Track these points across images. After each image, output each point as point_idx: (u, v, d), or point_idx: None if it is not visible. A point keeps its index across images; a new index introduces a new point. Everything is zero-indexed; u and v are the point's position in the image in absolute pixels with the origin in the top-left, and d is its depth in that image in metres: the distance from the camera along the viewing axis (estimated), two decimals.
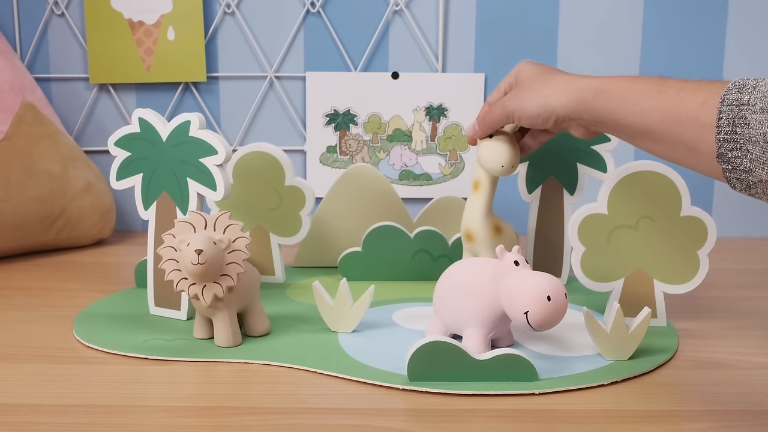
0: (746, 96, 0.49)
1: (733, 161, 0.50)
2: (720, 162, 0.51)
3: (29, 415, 0.53)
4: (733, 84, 0.51)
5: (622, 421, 0.53)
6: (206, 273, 0.63)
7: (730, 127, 0.50)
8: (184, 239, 0.63)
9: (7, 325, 0.73)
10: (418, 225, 0.92)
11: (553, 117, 0.64)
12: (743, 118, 0.49)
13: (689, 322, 0.75)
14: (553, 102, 0.63)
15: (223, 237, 0.64)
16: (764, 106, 0.48)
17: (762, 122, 0.48)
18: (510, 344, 0.66)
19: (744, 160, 0.49)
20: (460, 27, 1.15)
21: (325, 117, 1.17)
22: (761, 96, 0.49)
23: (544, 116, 0.64)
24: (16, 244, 1.00)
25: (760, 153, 0.48)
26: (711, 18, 1.14)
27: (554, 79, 0.65)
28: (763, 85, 0.50)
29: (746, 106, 0.49)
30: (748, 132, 0.49)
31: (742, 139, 0.49)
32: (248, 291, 0.68)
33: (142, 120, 0.73)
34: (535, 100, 0.65)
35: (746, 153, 0.49)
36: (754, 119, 0.48)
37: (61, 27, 1.17)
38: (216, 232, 0.65)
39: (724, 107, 0.50)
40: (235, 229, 0.65)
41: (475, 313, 0.62)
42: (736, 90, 0.50)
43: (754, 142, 0.48)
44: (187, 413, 0.54)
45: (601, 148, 0.84)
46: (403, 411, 0.55)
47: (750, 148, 0.49)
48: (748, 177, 0.50)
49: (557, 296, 0.57)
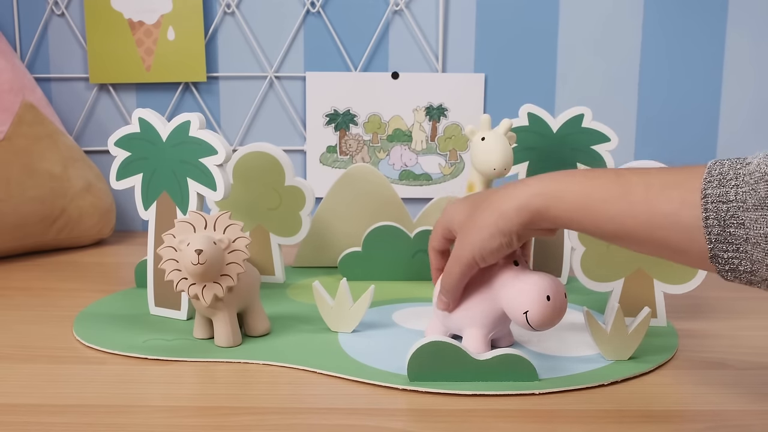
0: (731, 190, 0.46)
1: (730, 262, 0.47)
2: (714, 262, 0.47)
3: (29, 415, 0.53)
4: (708, 173, 0.47)
5: (622, 421, 0.53)
6: (206, 273, 0.62)
7: (721, 228, 0.46)
8: (184, 239, 0.63)
9: (7, 325, 0.73)
10: (418, 225, 0.92)
11: (514, 237, 0.57)
12: (736, 218, 0.45)
13: (689, 322, 0.75)
14: (506, 226, 0.56)
15: (224, 237, 0.64)
16: (756, 202, 0.45)
17: (759, 221, 0.45)
18: (510, 344, 0.66)
19: (744, 262, 0.46)
20: (460, 27, 1.15)
21: (325, 117, 1.17)
22: (749, 189, 0.45)
23: (505, 242, 0.57)
24: (16, 244, 1.00)
25: (763, 254, 0.45)
26: (711, 18, 1.14)
27: (492, 203, 0.57)
28: (744, 171, 0.46)
29: (734, 203, 0.45)
30: (744, 233, 0.45)
31: (739, 240, 0.46)
32: (248, 291, 0.68)
33: (142, 120, 0.73)
34: (487, 234, 0.57)
35: (745, 254, 0.46)
36: (749, 218, 0.45)
37: (61, 27, 1.17)
38: (216, 232, 0.65)
39: (710, 206, 0.46)
40: (235, 229, 0.65)
41: (475, 314, 0.62)
42: (716, 182, 0.46)
43: (754, 243, 0.45)
44: (187, 413, 0.54)
45: (601, 148, 0.84)
46: (403, 411, 0.55)
47: (749, 249, 0.45)
48: (751, 276, 0.47)
49: (557, 296, 0.57)
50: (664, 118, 1.17)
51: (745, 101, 1.16)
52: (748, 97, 1.16)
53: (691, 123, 1.17)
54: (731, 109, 1.16)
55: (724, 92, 1.16)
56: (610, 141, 0.83)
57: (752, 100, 1.16)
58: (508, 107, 1.06)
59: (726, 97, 1.16)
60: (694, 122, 1.17)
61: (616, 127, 0.85)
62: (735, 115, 1.16)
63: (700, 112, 1.17)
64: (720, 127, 1.17)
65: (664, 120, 1.17)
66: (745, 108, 1.16)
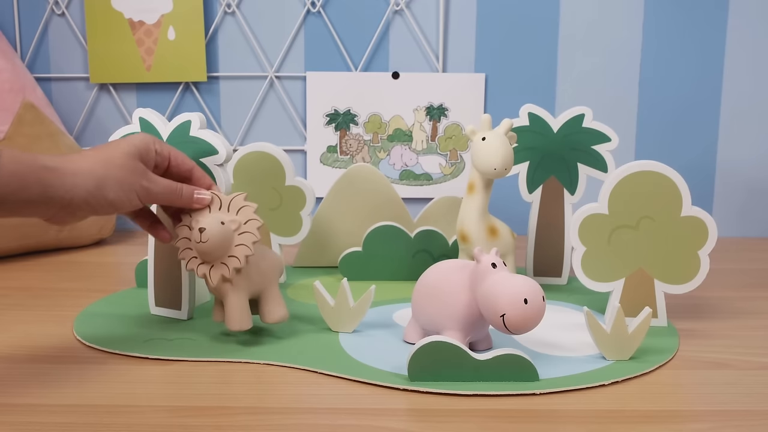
0: None
1: None
2: None
3: (29, 415, 0.53)
4: None
5: (622, 421, 0.53)
6: (211, 252, 0.63)
7: None
8: (197, 219, 0.64)
9: (7, 325, 0.73)
10: (419, 225, 0.92)
11: None
12: None
13: (689, 322, 0.75)
14: None
15: (235, 218, 0.64)
16: None
17: None
18: (488, 348, 0.66)
19: None
20: (460, 27, 1.15)
21: (325, 117, 1.16)
22: None
23: None
24: (16, 244, 1.00)
25: None
26: (711, 17, 1.14)
27: None
28: None
29: None
30: None
31: None
32: (262, 276, 0.67)
33: (143, 120, 0.73)
34: None
35: None
36: None
37: (62, 27, 1.17)
38: (230, 213, 0.65)
39: None
40: (248, 211, 0.65)
41: (453, 316, 0.62)
42: None
43: None
44: (188, 413, 0.54)
45: (602, 148, 0.84)
46: (403, 411, 0.55)
47: None
48: None
49: (534, 299, 0.57)
50: (664, 117, 1.17)
51: (745, 101, 1.16)
52: (748, 96, 1.16)
53: (692, 122, 1.17)
54: (731, 108, 1.16)
55: (724, 92, 1.16)
56: (611, 141, 0.83)
57: (752, 100, 1.16)
58: (508, 107, 1.06)
59: (726, 96, 1.16)
60: (695, 122, 1.17)
61: (616, 127, 0.85)
62: (735, 115, 1.16)
63: (701, 112, 1.17)
64: (720, 126, 1.17)
65: (665, 120, 1.17)
66: (746, 107, 1.16)
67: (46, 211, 0.58)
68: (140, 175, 0.61)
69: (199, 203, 0.65)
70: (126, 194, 0.60)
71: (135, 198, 0.61)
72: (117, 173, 0.60)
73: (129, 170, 0.60)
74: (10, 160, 0.54)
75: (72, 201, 0.57)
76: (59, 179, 0.56)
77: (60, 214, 0.58)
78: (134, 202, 0.62)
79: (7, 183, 0.54)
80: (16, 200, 0.55)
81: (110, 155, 0.60)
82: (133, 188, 0.61)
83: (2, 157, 0.54)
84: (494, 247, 0.66)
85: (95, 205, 0.59)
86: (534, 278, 0.81)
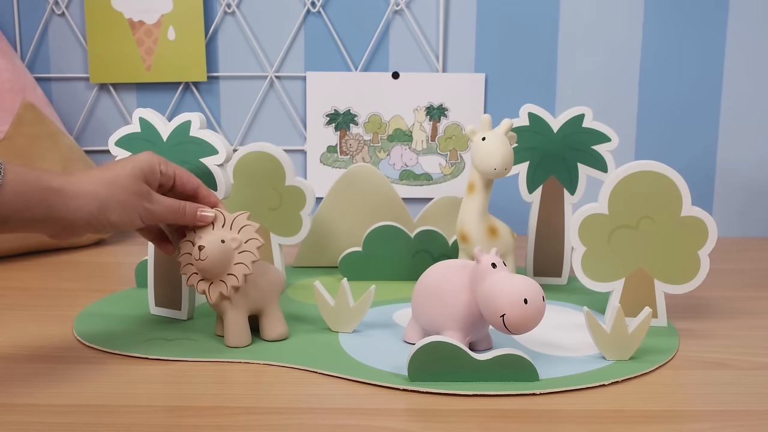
0: None
1: None
2: None
3: (29, 415, 0.53)
4: None
5: (622, 421, 0.53)
6: (210, 270, 0.64)
7: None
8: (199, 235, 0.65)
9: (7, 325, 0.73)
10: (419, 225, 0.92)
11: None
12: None
13: (689, 322, 0.75)
14: None
15: (236, 236, 0.65)
16: None
17: None
18: (488, 348, 0.66)
19: None
20: (460, 27, 1.15)
21: (325, 117, 1.16)
22: None
23: None
24: (16, 244, 1.00)
25: None
26: (711, 17, 1.14)
27: None
28: None
29: None
30: None
31: None
32: (262, 294, 0.68)
33: (143, 120, 0.73)
34: None
35: None
36: None
37: (62, 27, 1.17)
38: (232, 231, 0.65)
39: None
40: (250, 230, 0.66)
41: (453, 316, 0.62)
42: None
43: None
44: (187, 413, 0.54)
45: (602, 148, 0.84)
46: (403, 411, 0.55)
47: None
48: None
49: (534, 299, 0.57)
50: (664, 117, 1.17)
51: (745, 101, 1.16)
52: (748, 96, 1.16)
53: (692, 123, 1.17)
54: (731, 108, 1.16)
55: (724, 92, 1.16)
56: (611, 141, 0.83)
57: (752, 100, 1.16)
58: (508, 107, 1.06)
59: (726, 96, 1.16)
60: (695, 122, 1.17)
61: (616, 127, 0.85)
62: (735, 115, 1.16)
63: (701, 112, 1.17)
64: (720, 127, 1.17)
65: (665, 120, 1.17)
66: (745, 108, 1.16)
67: (48, 230, 0.58)
68: (143, 197, 0.62)
69: (202, 221, 0.66)
70: (128, 216, 0.61)
71: (137, 219, 0.62)
72: (120, 196, 0.60)
73: (132, 192, 0.61)
74: (15, 179, 0.55)
75: (75, 222, 0.58)
76: (63, 201, 0.57)
77: (62, 233, 0.59)
78: (136, 223, 0.62)
79: (12, 202, 0.54)
80: (20, 219, 0.55)
81: (114, 177, 0.61)
82: (135, 210, 0.61)
83: (7, 176, 0.54)
84: (494, 247, 0.66)
85: (97, 226, 0.60)
86: (534, 278, 0.81)
